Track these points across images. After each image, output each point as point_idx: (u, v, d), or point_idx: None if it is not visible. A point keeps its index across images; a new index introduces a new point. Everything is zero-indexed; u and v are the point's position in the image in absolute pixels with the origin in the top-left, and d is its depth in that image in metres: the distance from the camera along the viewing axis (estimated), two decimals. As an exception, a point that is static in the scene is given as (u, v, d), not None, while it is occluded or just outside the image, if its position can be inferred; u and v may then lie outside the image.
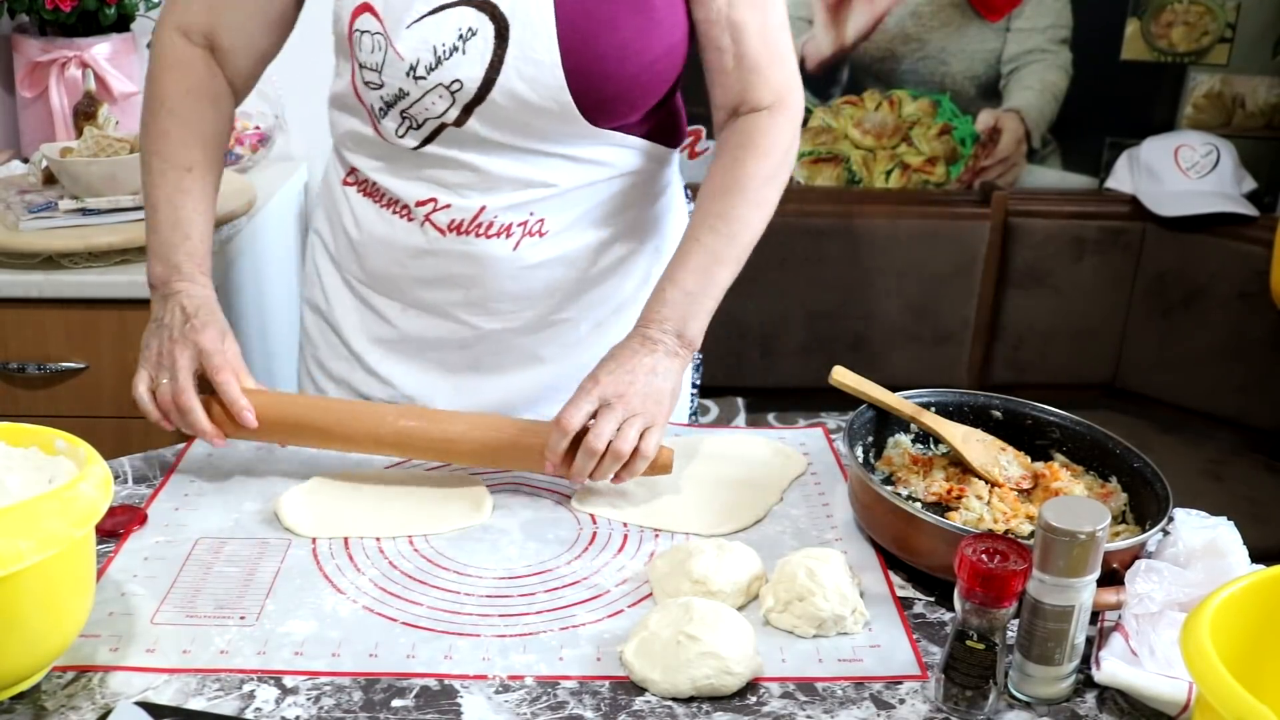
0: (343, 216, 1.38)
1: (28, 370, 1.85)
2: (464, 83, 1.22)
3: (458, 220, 1.30)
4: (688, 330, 1.23)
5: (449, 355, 1.39)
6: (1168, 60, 2.67)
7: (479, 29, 1.21)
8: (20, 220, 1.85)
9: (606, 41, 1.22)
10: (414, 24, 1.21)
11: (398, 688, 0.93)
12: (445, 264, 1.32)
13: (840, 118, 2.68)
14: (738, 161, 1.29)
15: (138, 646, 0.96)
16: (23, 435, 0.95)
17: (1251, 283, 2.50)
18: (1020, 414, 1.26)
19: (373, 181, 1.33)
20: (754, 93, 1.31)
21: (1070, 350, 2.69)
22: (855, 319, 2.63)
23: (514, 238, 1.31)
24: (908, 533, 1.08)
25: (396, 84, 1.24)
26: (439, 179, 1.29)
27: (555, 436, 1.15)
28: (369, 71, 1.24)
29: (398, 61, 1.22)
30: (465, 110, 1.24)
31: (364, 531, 1.14)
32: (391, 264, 1.35)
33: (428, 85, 1.23)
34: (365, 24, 1.23)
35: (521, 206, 1.30)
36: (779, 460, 1.31)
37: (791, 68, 1.33)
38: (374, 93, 1.26)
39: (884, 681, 0.96)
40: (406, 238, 1.33)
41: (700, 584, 1.03)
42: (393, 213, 1.33)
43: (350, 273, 1.40)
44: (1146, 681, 0.92)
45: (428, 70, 1.22)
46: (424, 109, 1.24)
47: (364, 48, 1.24)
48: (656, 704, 0.92)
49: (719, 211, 1.27)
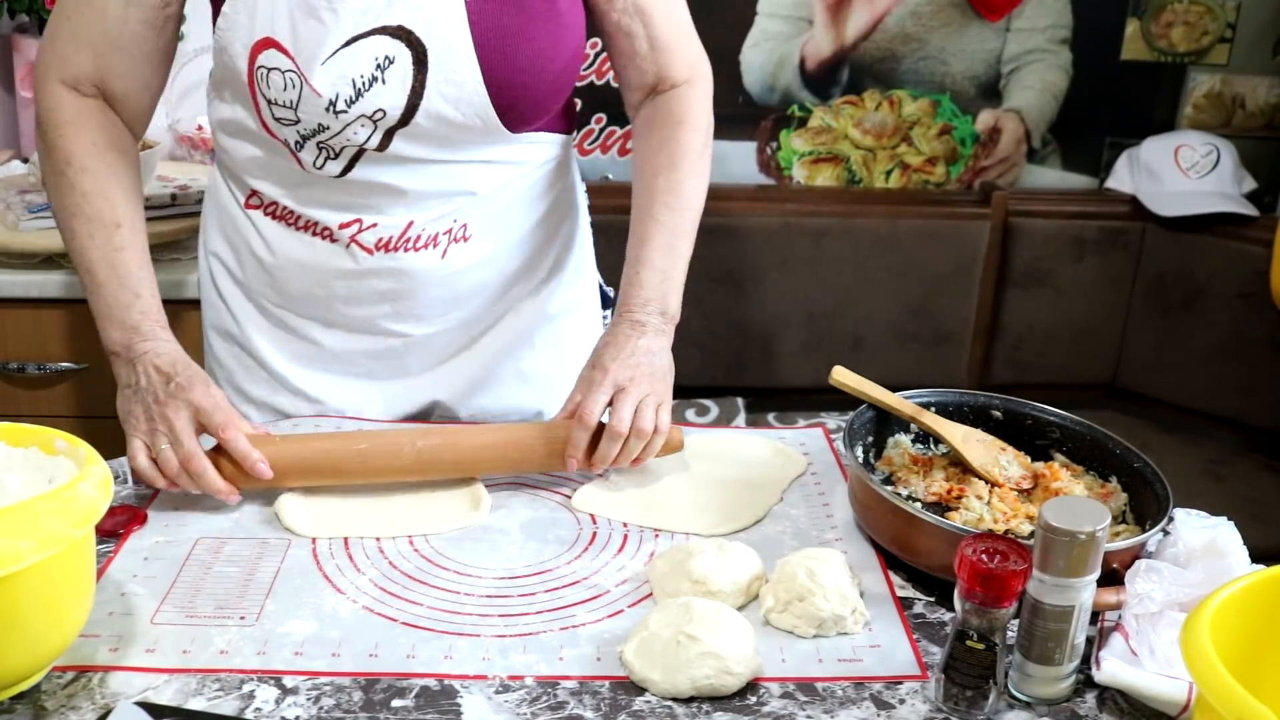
0: (249, 240, 1.34)
1: (28, 370, 1.85)
2: (387, 111, 1.20)
3: (385, 238, 1.28)
4: (669, 307, 1.29)
5: (376, 365, 1.38)
6: (1168, 60, 2.67)
7: (396, 56, 1.19)
8: (20, 220, 1.85)
9: (523, 53, 1.22)
10: (329, 59, 1.18)
11: (398, 688, 0.93)
12: (373, 282, 1.31)
13: (840, 118, 2.68)
14: (673, 138, 1.33)
15: (138, 646, 0.96)
16: (23, 435, 0.95)
17: (1251, 283, 2.50)
18: (1020, 414, 1.26)
19: (284, 206, 1.30)
20: (670, 71, 1.35)
21: (1070, 350, 2.69)
22: (855, 319, 2.63)
23: (441, 246, 1.31)
24: (908, 533, 1.08)
25: (315, 119, 1.20)
26: (362, 201, 1.27)
27: (578, 432, 1.18)
28: (281, 109, 1.21)
29: (314, 98, 1.19)
30: (387, 135, 1.22)
31: (363, 531, 1.14)
32: (314, 285, 1.32)
33: (349, 118, 1.20)
34: (272, 60, 1.19)
35: (446, 216, 1.29)
36: (779, 460, 1.31)
37: (697, 42, 1.39)
38: (289, 128, 1.22)
39: (884, 681, 0.96)
40: (331, 260, 1.30)
41: (700, 584, 1.03)
42: (312, 235, 1.30)
43: (264, 296, 1.36)
44: (1146, 681, 0.92)
45: (348, 104, 1.19)
46: (344, 139, 1.22)
47: (273, 85, 1.19)
48: (656, 704, 0.92)
49: (667, 188, 1.31)
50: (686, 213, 1.33)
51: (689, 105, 1.35)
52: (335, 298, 1.33)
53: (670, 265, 1.30)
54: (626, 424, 1.18)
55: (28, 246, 1.81)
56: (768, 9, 2.58)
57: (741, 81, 2.63)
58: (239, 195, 1.34)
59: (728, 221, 2.55)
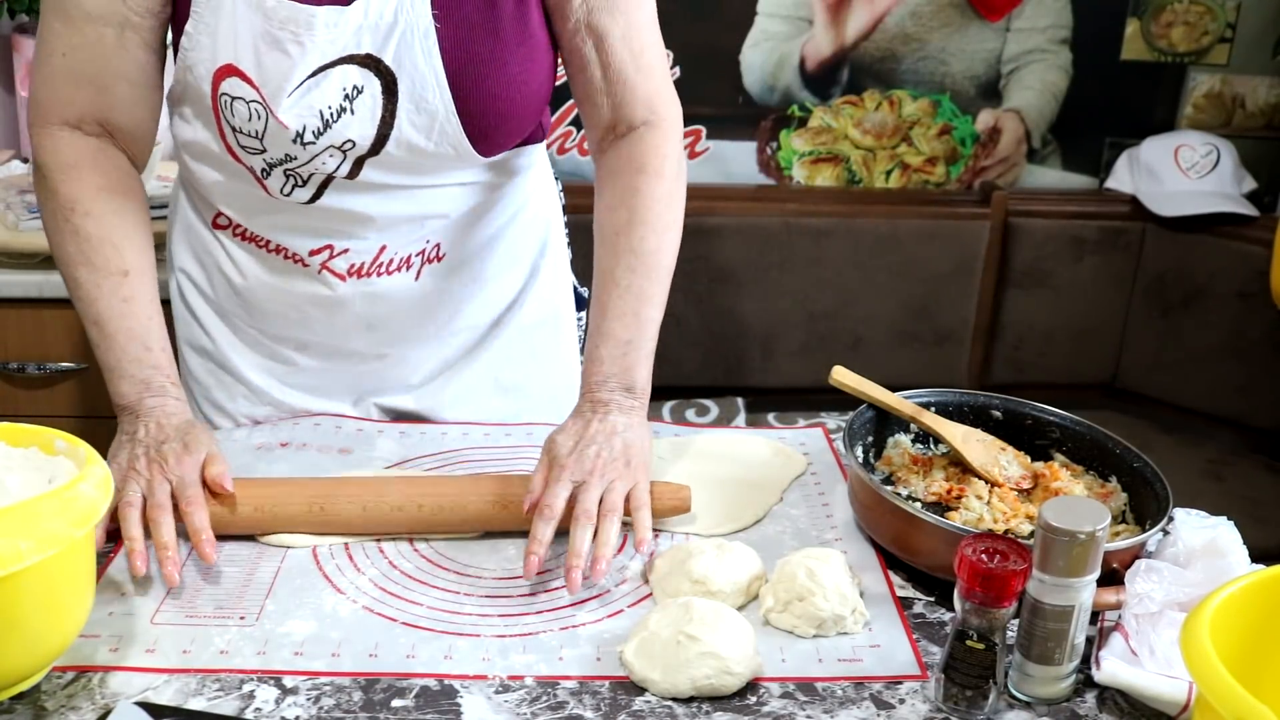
0: (219, 260, 1.30)
1: (28, 370, 1.85)
2: (356, 141, 1.17)
3: (358, 264, 1.27)
4: (635, 382, 1.17)
5: (352, 378, 1.37)
6: (1168, 60, 2.67)
7: (365, 86, 1.15)
8: (20, 220, 1.85)
9: (496, 79, 1.17)
10: (295, 90, 1.13)
11: (398, 688, 0.93)
12: (349, 307, 1.30)
13: (840, 118, 2.68)
14: (633, 189, 1.21)
15: (138, 646, 0.96)
16: (23, 435, 0.95)
17: (1251, 283, 2.50)
18: (1020, 414, 1.26)
19: (251, 231, 1.27)
20: (626, 109, 1.23)
21: (1070, 350, 2.69)
22: (855, 319, 2.64)
23: (414, 268, 1.30)
24: (908, 533, 1.08)
25: (282, 150, 1.17)
26: (331, 228, 1.25)
27: (539, 525, 1.05)
28: (247, 137, 1.16)
29: (281, 130, 1.14)
30: (357, 164, 1.19)
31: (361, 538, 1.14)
32: (288, 309, 1.30)
33: (317, 149, 1.16)
34: (235, 89, 1.14)
35: (419, 239, 1.28)
36: (779, 460, 1.31)
37: (662, 78, 1.25)
38: (255, 156, 1.18)
39: (884, 681, 0.96)
40: (304, 286, 1.29)
41: (700, 584, 1.03)
42: (283, 259, 1.27)
43: (238, 317, 1.34)
44: (1146, 681, 0.92)
45: (315, 135, 1.15)
46: (313, 168, 1.19)
47: (237, 114, 1.15)
48: (656, 704, 0.92)
49: (629, 247, 1.19)
50: (652, 274, 1.19)
51: (651, 150, 1.22)
52: (310, 320, 1.32)
53: (635, 334, 1.17)
54: (592, 510, 1.06)
55: (28, 246, 1.81)
56: (768, 9, 2.58)
57: (741, 81, 2.63)
58: (205, 214, 1.30)
59: (728, 221, 2.55)
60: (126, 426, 1.14)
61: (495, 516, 1.12)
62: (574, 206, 1.55)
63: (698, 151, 2.67)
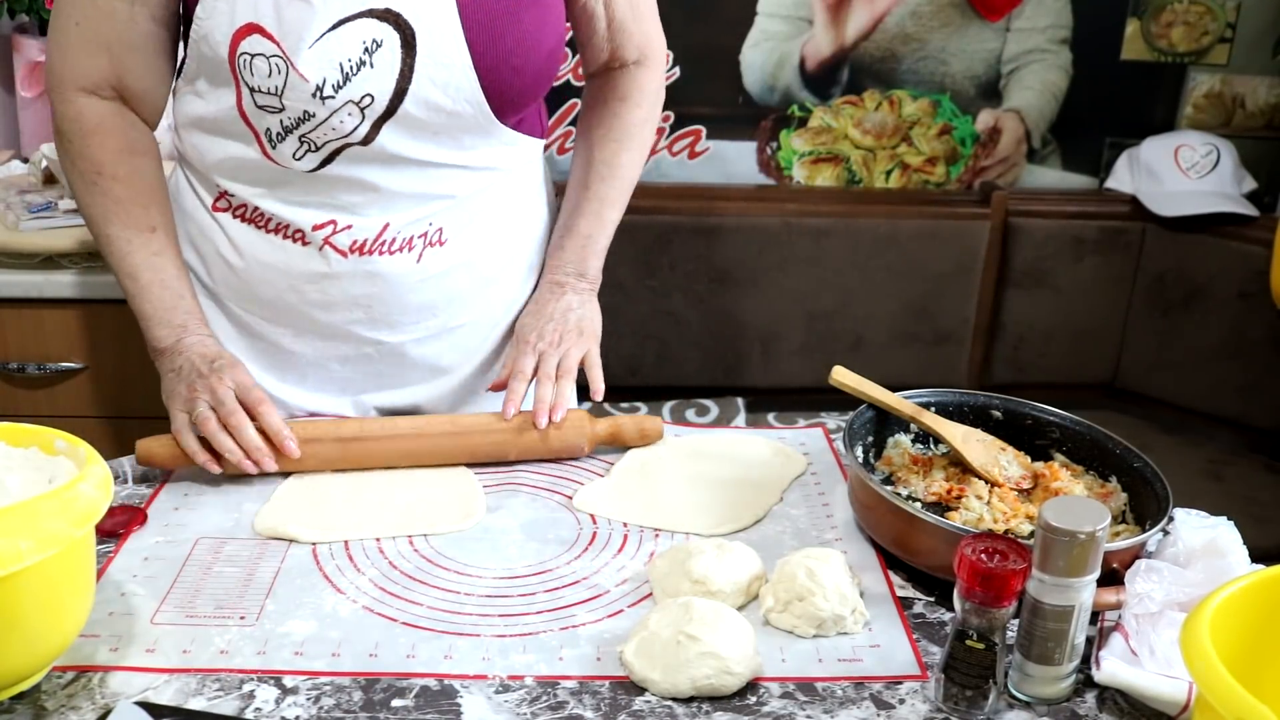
0: (217, 245, 1.32)
1: (28, 370, 1.85)
2: (375, 96, 1.19)
3: (360, 240, 1.28)
4: (588, 270, 1.39)
5: (350, 374, 1.37)
6: (1168, 60, 2.67)
7: (384, 40, 1.18)
8: (20, 220, 1.85)
9: (513, 36, 1.22)
10: (316, 43, 1.16)
11: (398, 688, 0.93)
12: (347, 286, 1.30)
13: (840, 118, 2.68)
14: (615, 113, 1.42)
15: (138, 646, 0.97)
16: (23, 435, 0.95)
17: (1251, 283, 2.50)
18: (1020, 414, 1.26)
19: (255, 207, 1.28)
20: (622, 51, 1.40)
21: (1070, 350, 2.69)
22: (855, 319, 2.63)
23: (416, 250, 1.30)
24: (908, 533, 1.08)
25: (300, 106, 1.19)
26: (337, 201, 1.26)
27: (513, 383, 1.28)
28: (265, 95, 1.19)
29: (301, 84, 1.18)
30: (375, 126, 1.21)
31: (363, 534, 1.14)
32: (286, 291, 1.31)
33: (336, 104, 1.19)
34: (255, 46, 1.17)
35: (422, 219, 1.29)
36: (779, 460, 1.31)
37: (654, 24, 1.43)
38: (271, 116, 1.21)
39: (884, 681, 0.96)
40: (303, 263, 1.29)
41: (700, 584, 1.03)
42: (283, 238, 1.29)
43: (233, 302, 1.35)
44: (1146, 681, 0.92)
45: (335, 89, 1.18)
46: (329, 130, 1.21)
47: (257, 71, 1.18)
48: (656, 704, 0.92)
49: (604, 159, 1.41)
50: (618, 183, 1.41)
51: (635, 83, 1.42)
52: (307, 303, 1.32)
53: (594, 230, 1.39)
54: (552, 371, 1.29)
55: (28, 246, 1.81)
56: (768, 9, 2.58)
57: (741, 81, 2.62)
58: (206, 198, 1.32)
59: (728, 221, 2.55)
60: (169, 364, 1.25)
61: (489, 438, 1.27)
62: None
63: (697, 151, 2.66)
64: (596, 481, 1.25)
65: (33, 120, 2.23)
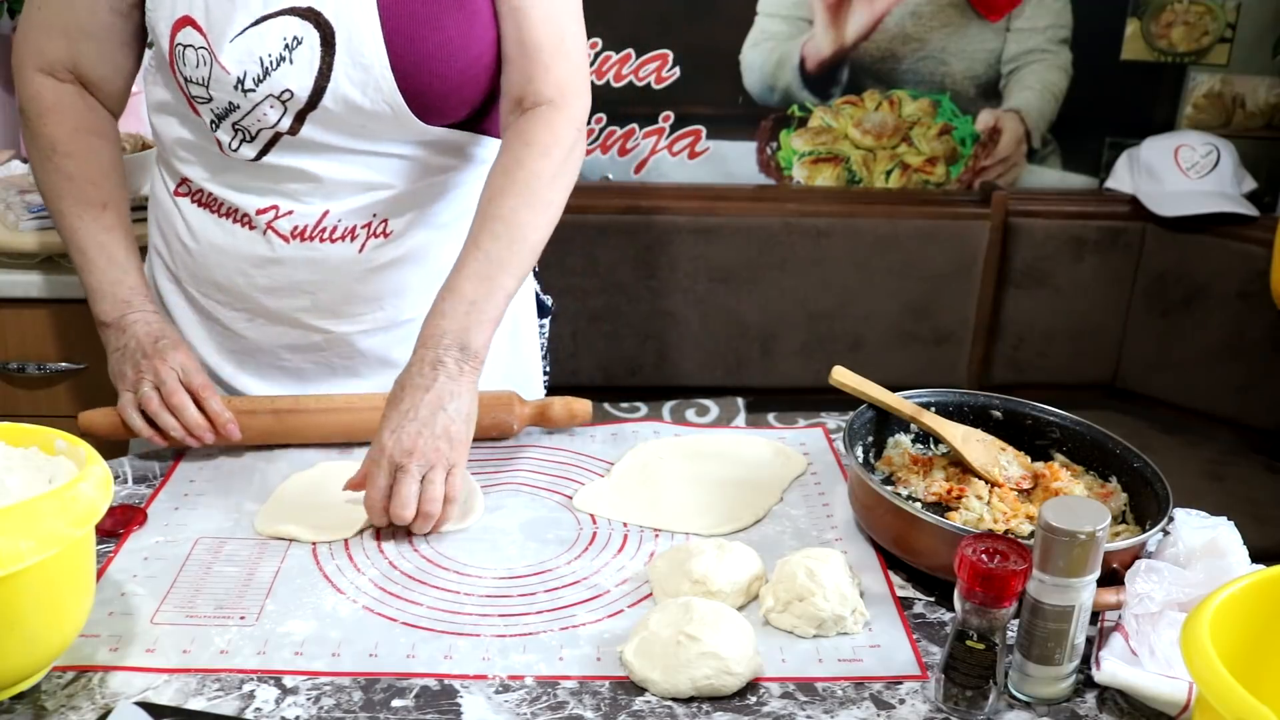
0: (177, 228, 1.35)
1: (28, 370, 1.85)
2: (294, 92, 1.21)
3: (301, 226, 1.29)
4: (471, 343, 1.16)
5: (300, 362, 1.39)
6: (1168, 60, 2.67)
7: (304, 37, 1.20)
8: (20, 220, 1.85)
9: (432, 41, 1.22)
10: (237, 37, 1.19)
11: (398, 688, 0.93)
12: (290, 271, 1.31)
13: (840, 118, 2.68)
14: (519, 161, 1.23)
15: (138, 646, 0.96)
16: (23, 435, 0.95)
17: (1251, 283, 2.50)
18: (1020, 414, 1.26)
19: (208, 191, 1.31)
20: (535, 84, 1.25)
21: (1070, 350, 2.69)
22: (855, 319, 2.64)
23: (359, 240, 1.31)
24: (908, 533, 1.08)
25: (225, 98, 1.22)
26: (280, 188, 1.28)
27: (371, 497, 1.11)
28: (195, 86, 1.23)
29: (224, 75, 1.21)
30: (298, 118, 1.23)
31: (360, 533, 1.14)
32: (234, 274, 1.33)
33: (257, 97, 1.22)
34: (187, 38, 1.21)
35: (364, 209, 1.30)
36: (779, 460, 1.31)
37: (578, 65, 1.28)
38: (204, 106, 1.24)
39: (884, 681, 0.96)
40: (249, 247, 1.31)
41: (700, 584, 1.03)
42: (232, 221, 1.31)
43: (192, 286, 1.38)
44: (1146, 681, 0.92)
45: (255, 82, 1.21)
46: (256, 120, 1.23)
47: (188, 62, 1.22)
48: (656, 704, 0.92)
49: (500, 215, 1.21)
50: (515, 245, 1.20)
51: (546, 127, 1.24)
52: (256, 287, 1.33)
53: (481, 296, 1.17)
54: (408, 509, 1.10)
55: (28, 246, 1.81)
56: (768, 9, 2.58)
57: (741, 81, 2.63)
58: (170, 183, 1.36)
59: (728, 221, 2.55)
60: (114, 340, 1.27)
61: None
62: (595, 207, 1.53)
63: (697, 151, 2.67)
64: (596, 481, 1.25)
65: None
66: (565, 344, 2.55)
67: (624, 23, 2.53)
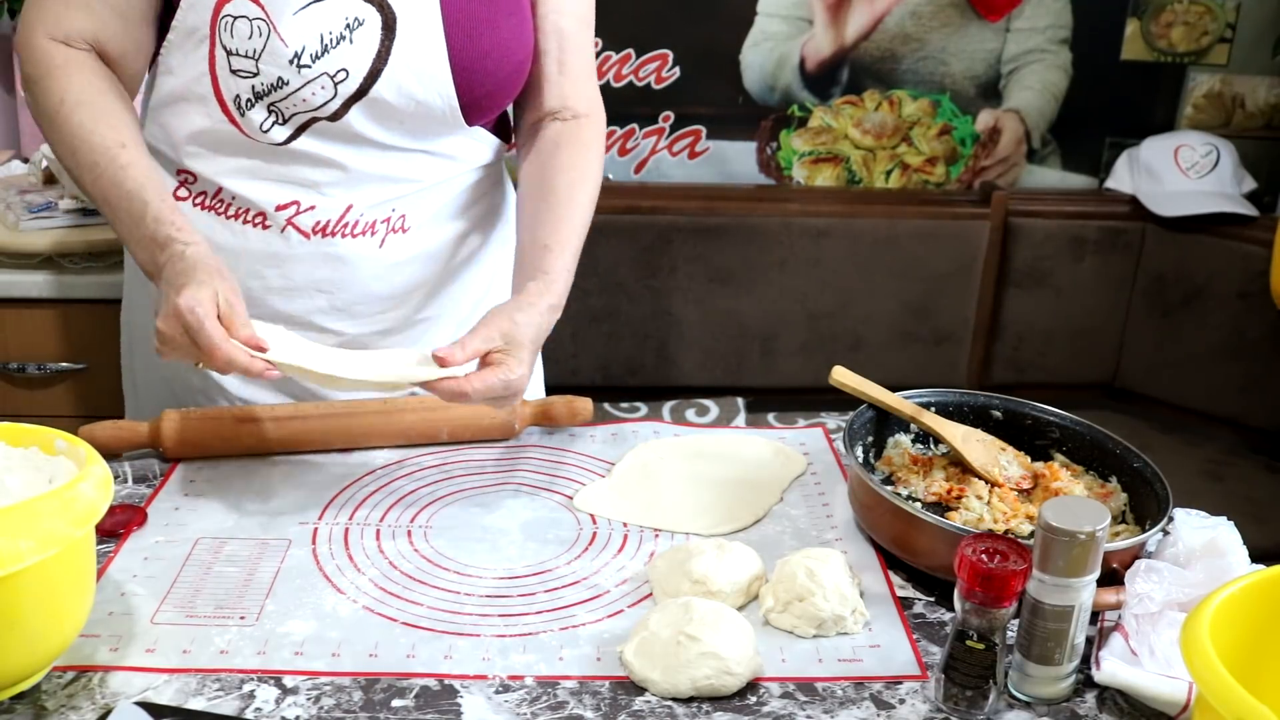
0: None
1: (28, 370, 1.85)
2: (349, 72, 1.21)
3: (323, 222, 1.28)
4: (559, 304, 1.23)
5: None
6: (1168, 60, 2.67)
7: (366, 19, 1.21)
8: (20, 220, 1.85)
9: (489, 40, 1.25)
10: (301, 10, 1.19)
11: (398, 688, 0.93)
12: (308, 269, 1.30)
13: (840, 118, 2.68)
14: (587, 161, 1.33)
15: (138, 646, 0.96)
16: (23, 435, 0.95)
17: (1251, 283, 2.50)
18: (1020, 414, 1.26)
19: (216, 190, 1.27)
20: (573, 100, 1.36)
21: (1070, 350, 2.69)
22: (855, 319, 2.64)
23: (379, 235, 1.31)
24: (908, 533, 1.08)
25: (275, 72, 1.20)
26: (302, 178, 1.26)
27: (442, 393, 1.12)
28: (241, 59, 1.20)
29: (281, 48, 1.19)
30: (345, 104, 1.23)
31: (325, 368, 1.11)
32: (246, 277, 1.28)
33: (311, 74, 1.21)
34: (240, 9, 1.19)
35: (384, 204, 1.30)
36: (779, 460, 1.31)
37: (597, 88, 1.40)
38: (243, 81, 1.21)
39: (884, 681, 0.96)
40: (262, 246, 1.28)
41: (700, 584, 1.03)
42: (242, 223, 1.28)
43: None
44: (1146, 681, 0.92)
45: (313, 59, 1.20)
46: (300, 100, 1.22)
47: (237, 34, 1.19)
48: (656, 704, 0.92)
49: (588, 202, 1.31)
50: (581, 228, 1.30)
51: (596, 137, 1.36)
52: (268, 289, 1.30)
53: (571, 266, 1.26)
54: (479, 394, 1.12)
55: (28, 246, 1.81)
56: (768, 9, 2.58)
57: (741, 81, 2.63)
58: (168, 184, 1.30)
59: (728, 221, 2.55)
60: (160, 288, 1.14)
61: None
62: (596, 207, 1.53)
63: (697, 151, 2.67)
64: (596, 481, 1.25)
65: (33, 120, 2.23)
66: (565, 344, 2.55)
67: (624, 23, 2.54)
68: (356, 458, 1.28)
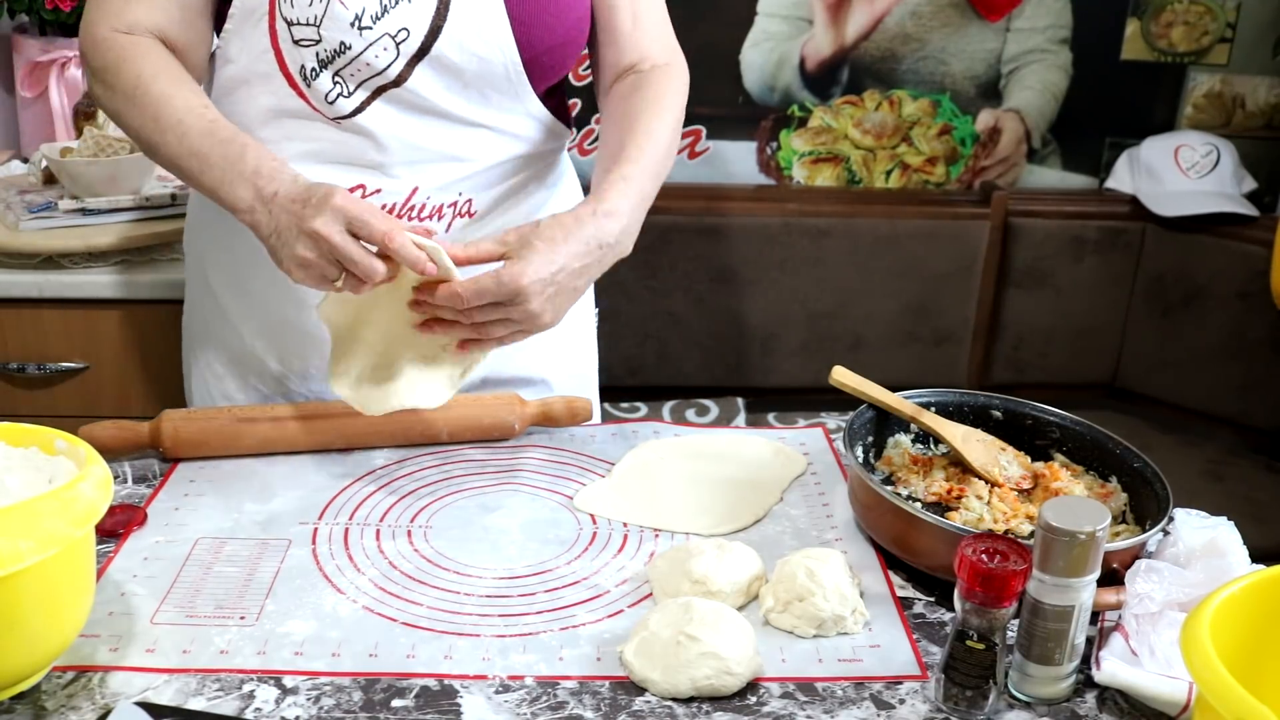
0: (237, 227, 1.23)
1: (28, 370, 1.85)
2: (410, 30, 1.21)
3: (390, 205, 1.28)
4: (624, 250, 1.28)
5: None
6: (1168, 60, 2.67)
7: None
8: (20, 220, 1.85)
9: None
10: None
11: (398, 688, 0.93)
12: None
13: (840, 118, 2.68)
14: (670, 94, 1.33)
15: (138, 646, 0.96)
16: (23, 435, 0.95)
17: (1251, 283, 2.50)
18: (1020, 414, 1.26)
19: None
20: (651, 50, 1.36)
21: (1070, 350, 2.70)
22: (855, 319, 2.64)
23: (446, 219, 1.31)
24: (908, 533, 1.08)
25: (338, 37, 1.20)
26: (368, 159, 1.26)
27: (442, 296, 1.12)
28: (303, 28, 1.21)
29: (341, 12, 1.19)
30: (409, 64, 1.22)
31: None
32: None
33: (373, 36, 1.20)
34: None
35: (451, 186, 1.29)
36: (779, 460, 1.31)
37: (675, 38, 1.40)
38: (307, 50, 1.21)
39: (884, 681, 0.96)
40: None
41: (700, 584, 1.03)
42: None
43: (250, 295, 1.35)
44: (1146, 681, 0.92)
45: (374, 19, 1.20)
46: (364, 65, 1.22)
47: (298, 3, 1.20)
48: (656, 704, 0.92)
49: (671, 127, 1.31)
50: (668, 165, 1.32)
51: (679, 77, 1.37)
52: None
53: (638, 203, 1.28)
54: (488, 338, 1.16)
55: (28, 246, 1.81)
56: (768, 9, 2.58)
57: (741, 81, 2.63)
58: None
59: (728, 221, 2.55)
60: (265, 227, 1.14)
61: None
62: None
63: (697, 151, 2.67)
64: (597, 481, 1.25)
65: (33, 120, 2.23)
66: (565, 344, 2.54)
67: (624, 23, 2.53)
68: (356, 458, 1.28)
